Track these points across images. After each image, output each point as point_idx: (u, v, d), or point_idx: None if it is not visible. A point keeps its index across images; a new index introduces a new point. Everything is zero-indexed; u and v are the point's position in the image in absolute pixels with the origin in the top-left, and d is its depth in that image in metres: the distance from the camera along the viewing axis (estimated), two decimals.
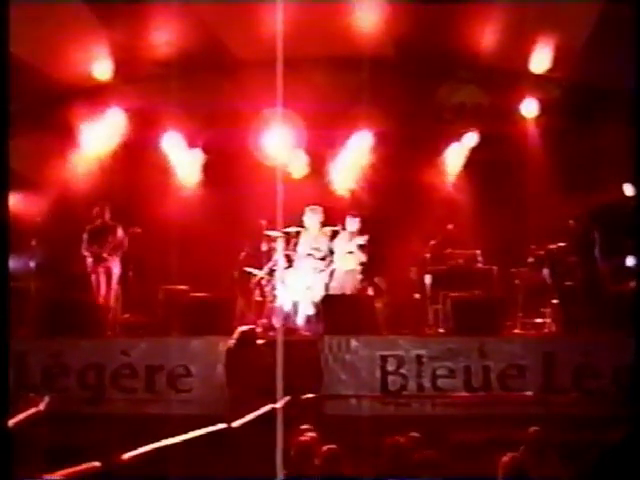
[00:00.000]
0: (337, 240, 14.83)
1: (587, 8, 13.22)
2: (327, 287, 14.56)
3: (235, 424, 8.40)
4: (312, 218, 14.76)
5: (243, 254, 15.40)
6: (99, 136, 16.25)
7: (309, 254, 14.60)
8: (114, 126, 16.37)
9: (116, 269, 14.73)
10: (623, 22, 12.42)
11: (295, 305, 14.28)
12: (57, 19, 12.91)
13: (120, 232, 14.81)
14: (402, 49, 15.25)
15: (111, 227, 14.84)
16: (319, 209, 14.90)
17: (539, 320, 14.48)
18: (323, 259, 14.63)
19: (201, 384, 12.31)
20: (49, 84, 14.85)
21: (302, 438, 8.27)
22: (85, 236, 14.76)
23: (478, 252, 15.52)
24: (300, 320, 14.15)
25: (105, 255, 14.62)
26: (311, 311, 14.08)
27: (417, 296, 15.16)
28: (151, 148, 16.72)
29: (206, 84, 15.88)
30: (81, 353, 12.71)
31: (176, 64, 15.43)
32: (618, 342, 11.93)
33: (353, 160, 16.79)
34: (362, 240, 14.65)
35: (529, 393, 12.03)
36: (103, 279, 14.60)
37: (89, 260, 14.63)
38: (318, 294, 14.19)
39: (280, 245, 14.58)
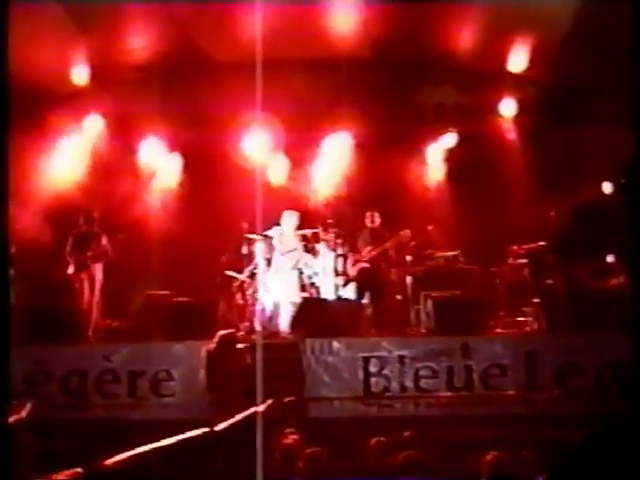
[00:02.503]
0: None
1: (564, 7, 13.27)
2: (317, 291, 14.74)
3: (218, 428, 8.38)
4: (288, 222, 14.78)
5: (224, 257, 15.37)
6: (77, 141, 16.21)
7: (285, 253, 14.68)
8: (92, 131, 16.34)
9: (99, 275, 14.67)
10: (600, 21, 12.48)
11: (277, 308, 14.30)
12: (33, 24, 12.84)
13: (105, 240, 14.74)
14: (379, 50, 15.27)
15: (96, 234, 14.77)
16: (295, 213, 14.92)
17: (521, 319, 14.50)
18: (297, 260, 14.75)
19: (184, 389, 12.27)
20: (25, 90, 14.77)
21: (286, 441, 8.26)
22: (70, 241, 14.70)
23: (459, 252, 15.56)
24: (282, 323, 14.17)
25: (88, 262, 14.56)
26: (292, 314, 14.10)
27: (398, 297, 15.17)
28: (130, 153, 16.70)
29: (184, 88, 15.86)
30: (63, 359, 12.65)
31: (154, 68, 15.44)
32: (600, 340, 12.00)
33: (332, 162, 16.81)
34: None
35: (511, 392, 12.05)
36: (86, 285, 14.53)
37: (72, 266, 14.57)
38: (297, 296, 14.25)
39: (260, 248, 14.60)
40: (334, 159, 16.83)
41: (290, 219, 14.80)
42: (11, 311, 12.92)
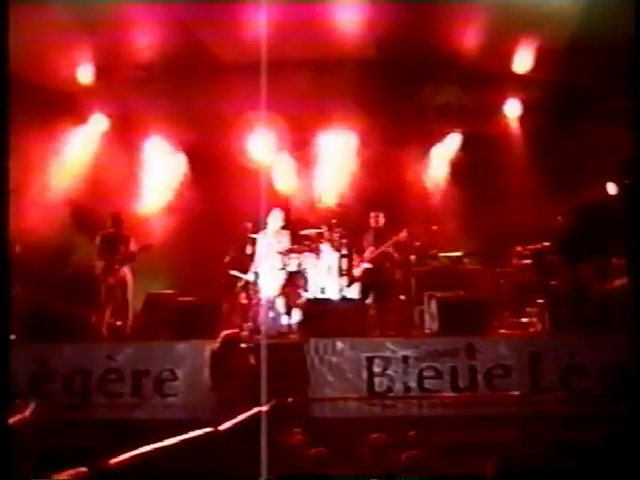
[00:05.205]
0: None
1: (568, 8, 13.25)
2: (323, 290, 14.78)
3: (221, 427, 8.38)
4: (274, 220, 14.75)
5: (228, 257, 15.37)
6: (81, 141, 16.22)
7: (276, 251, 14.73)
8: (96, 131, 16.37)
9: (129, 276, 14.62)
10: (604, 22, 12.47)
11: (281, 307, 14.33)
12: (38, 24, 12.85)
13: (133, 244, 14.70)
14: (384, 51, 15.26)
15: (124, 237, 14.75)
16: (280, 212, 14.85)
17: (525, 320, 14.48)
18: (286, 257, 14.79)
19: (187, 388, 12.26)
20: (31, 89, 14.77)
21: (290, 441, 8.26)
22: (98, 242, 14.72)
23: (463, 253, 15.56)
24: (287, 322, 14.19)
25: (117, 265, 14.51)
26: (296, 314, 14.13)
27: (403, 297, 15.15)
28: (134, 152, 16.71)
29: (189, 88, 15.82)
30: (66, 358, 12.63)
31: (159, 68, 15.43)
32: (604, 341, 11.98)
33: (337, 162, 16.81)
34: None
35: (516, 393, 12.03)
36: (115, 288, 14.49)
37: (100, 267, 14.55)
38: (301, 297, 14.29)
39: (264, 247, 14.61)
40: (339, 159, 16.83)
41: (276, 216, 14.68)
42: (16, 310, 13.02)
